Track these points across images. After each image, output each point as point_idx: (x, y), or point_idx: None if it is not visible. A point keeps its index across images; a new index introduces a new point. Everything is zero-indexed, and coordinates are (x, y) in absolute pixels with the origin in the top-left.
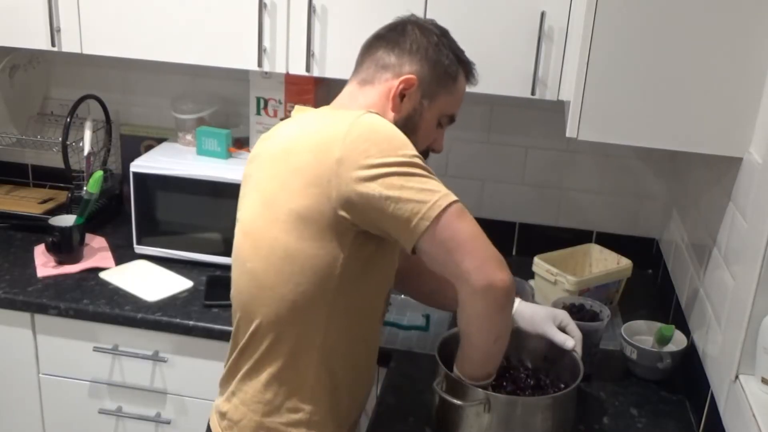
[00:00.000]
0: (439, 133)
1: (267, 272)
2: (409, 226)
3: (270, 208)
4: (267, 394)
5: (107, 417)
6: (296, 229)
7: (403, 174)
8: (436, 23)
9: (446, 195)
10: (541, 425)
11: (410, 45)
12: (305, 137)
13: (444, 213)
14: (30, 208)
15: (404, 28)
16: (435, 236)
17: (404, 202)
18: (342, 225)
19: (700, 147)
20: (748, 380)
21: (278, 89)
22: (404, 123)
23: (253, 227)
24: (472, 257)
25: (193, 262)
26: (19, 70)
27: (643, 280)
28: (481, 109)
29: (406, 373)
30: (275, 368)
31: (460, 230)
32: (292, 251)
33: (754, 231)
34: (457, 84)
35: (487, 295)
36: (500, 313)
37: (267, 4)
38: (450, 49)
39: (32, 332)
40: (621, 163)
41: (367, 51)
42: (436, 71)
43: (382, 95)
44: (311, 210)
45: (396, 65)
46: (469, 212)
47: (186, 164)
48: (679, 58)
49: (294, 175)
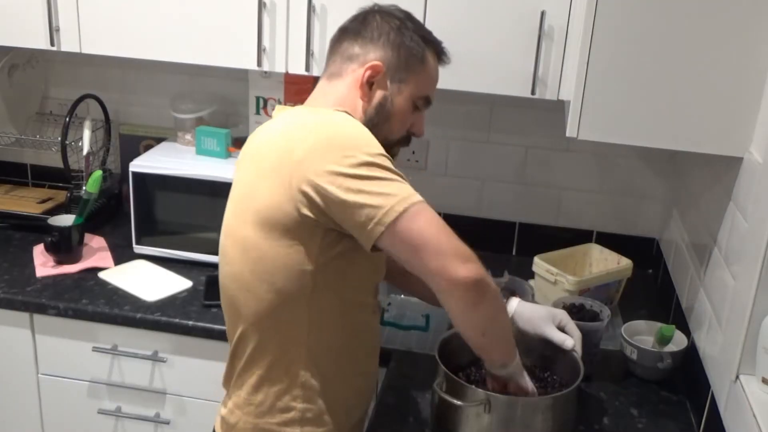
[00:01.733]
0: (418, 116)
1: (243, 273)
2: (365, 230)
3: (241, 210)
4: (258, 396)
5: (106, 417)
6: (263, 229)
7: (361, 177)
8: (399, 8)
9: (404, 198)
10: (542, 425)
11: (371, 32)
12: (272, 139)
13: (400, 217)
14: (29, 207)
15: (365, 17)
16: (393, 240)
17: (359, 207)
18: (308, 224)
19: (700, 147)
20: (748, 380)
21: (278, 89)
22: (376, 111)
23: (228, 229)
24: (434, 257)
25: (193, 261)
26: (18, 69)
27: (644, 280)
28: (481, 108)
29: (406, 373)
30: (263, 369)
31: (417, 232)
32: (263, 251)
33: (754, 231)
34: (425, 65)
35: (454, 292)
36: (475, 308)
37: (266, 3)
38: (414, 31)
39: (31, 332)
40: (621, 163)
41: (333, 46)
42: (401, 55)
43: (351, 86)
44: (276, 210)
45: (361, 54)
46: (430, 210)
47: (185, 164)
48: (680, 58)
49: (260, 177)
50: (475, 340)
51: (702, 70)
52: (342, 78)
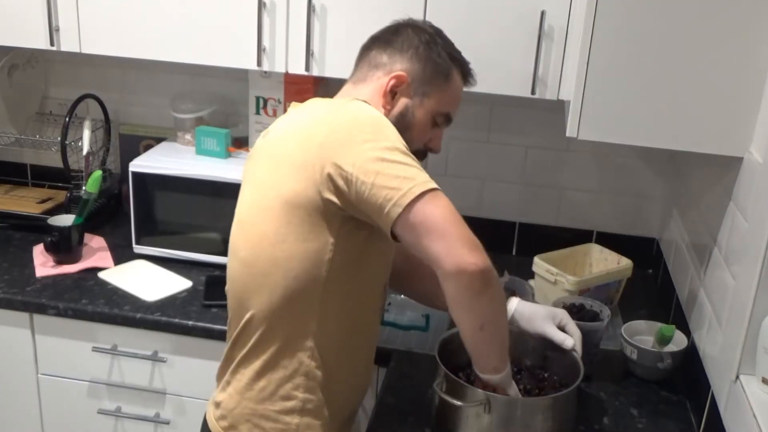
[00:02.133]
0: (436, 133)
1: (258, 259)
2: (383, 212)
3: (260, 197)
4: (260, 382)
5: (106, 417)
6: (285, 215)
7: (382, 160)
8: (431, 24)
9: (422, 183)
10: (542, 425)
11: (401, 44)
12: (294, 127)
13: (417, 200)
14: (29, 207)
15: (398, 29)
16: (408, 222)
17: (379, 188)
18: (329, 209)
19: (700, 147)
20: (748, 380)
21: (278, 89)
22: (397, 120)
23: (245, 217)
24: (443, 241)
25: (193, 261)
26: (17, 69)
27: (644, 280)
28: (481, 108)
29: (406, 373)
30: (269, 355)
31: (431, 215)
32: (281, 237)
33: (754, 231)
34: (450, 82)
35: (459, 279)
36: (477, 298)
37: (266, 3)
38: (443, 47)
39: (31, 332)
40: (621, 163)
41: (362, 53)
42: (427, 69)
43: (375, 93)
44: (299, 195)
45: (387, 63)
46: (446, 198)
47: (185, 164)
48: (680, 58)
49: (282, 163)
50: (472, 335)
51: (702, 70)
52: (366, 83)
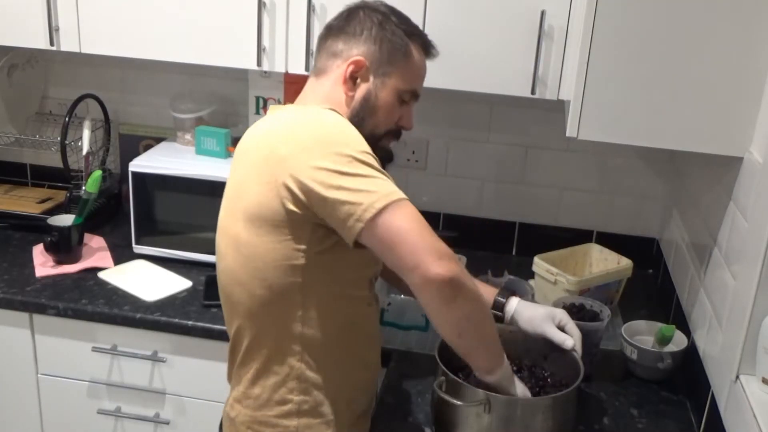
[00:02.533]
0: (405, 110)
1: (236, 269)
2: (345, 227)
3: (232, 208)
4: (255, 389)
5: (106, 417)
6: (253, 225)
7: (342, 173)
8: (384, 3)
9: (384, 195)
10: (542, 425)
11: (354, 28)
12: (261, 138)
13: (379, 214)
14: (28, 207)
15: (350, 14)
16: (371, 236)
17: (340, 203)
18: (295, 219)
19: (700, 146)
20: (748, 380)
21: (277, 88)
22: (361, 105)
23: (222, 225)
24: (407, 254)
25: (192, 261)
26: (17, 69)
27: (644, 280)
28: (481, 108)
29: (406, 373)
30: (259, 363)
31: (394, 229)
32: (253, 248)
33: (754, 231)
34: (409, 58)
35: (427, 290)
36: (447, 307)
37: (266, 3)
38: (397, 25)
39: (31, 332)
40: (621, 163)
41: (319, 42)
42: (383, 49)
43: (336, 82)
44: (262, 207)
45: (344, 50)
46: (410, 207)
47: (185, 164)
48: (680, 58)
49: (247, 174)
50: (453, 342)
51: (702, 69)
52: (327, 74)
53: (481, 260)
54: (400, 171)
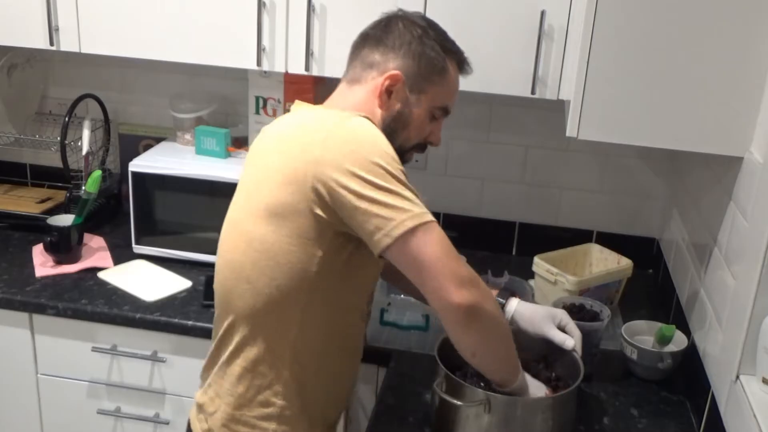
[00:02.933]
0: (435, 126)
1: (244, 265)
2: (373, 239)
3: (250, 202)
4: (239, 387)
5: (106, 417)
6: (273, 223)
7: (376, 186)
8: (423, 16)
9: (415, 216)
10: (541, 426)
11: (394, 41)
12: (290, 135)
13: (408, 234)
14: (28, 207)
15: (389, 24)
16: (397, 254)
17: (371, 215)
18: (319, 224)
19: (700, 146)
20: (748, 380)
21: (277, 88)
22: (394, 119)
23: (234, 219)
24: (430, 279)
25: (192, 261)
26: (17, 69)
27: (644, 279)
28: (481, 108)
29: (405, 373)
30: (248, 362)
31: (421, 252)
32: (268, 245)
33: (754, 231)
34: (446, 75)
35: (446, 315)
36: (464, 332)
37: (266, 3)
38: (435, 40)
39: (30, 332)
40: (621, 163)
41: (354, 50)
42: (421, 65)
43: (370, 93)
44: (287, 207)
45: (381, 62)
46: (438, 231)
47: (185, 164)
48: (680, 57)
49: (274, 172)
50: (468, 359)
51: (702, 69)
52: (361, 84)
53: (481, 260)
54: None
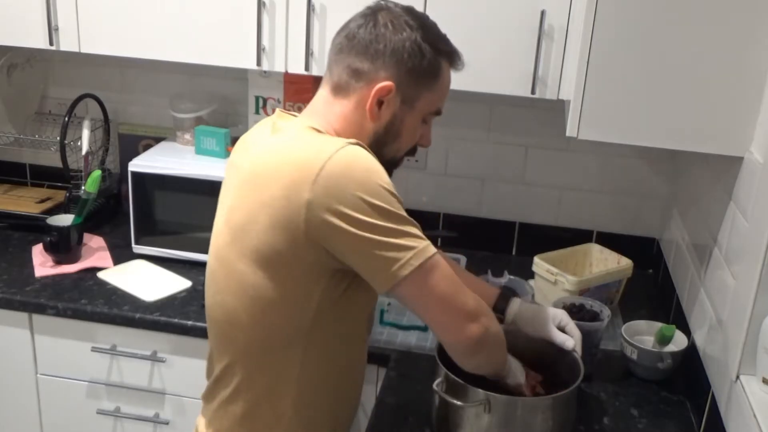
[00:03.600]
0: (425, 128)
1: (237, 310)
2: (377, 280)
3: (238, 241)
4: (243, 429)
5: (105, 417)
6: (267, 270)
7: (375, 227)
8: (411, 10)
9: (419, 253)
10: (542, 426)
11: (385, 47)
12: (277, 167)
13: (415, 272)
14: (28, 207)
15: (376, 25)
16: (404, 293)
17: (374, 258)
18: (316, 266)
19: (700, 146)
20: (749, 380)
21: (277, 88)
22: (385, 131)
23: (222, 255)
24: (442, 315)
25: (192, 261)
26: (16, 69)
27: (644, 279)
28: (481, 108)
29: (405, 373)
30: (250, 404)
31: (429, 288)
32: (262, 291)
33: (755, 231)
34: (439, 79)
35: (458, 345)
36: (472, 358)
37: (266, 2)
38: (428, 41)
39: (30, 332)
40: (621, 163)
41: (339, 52)
42: (414, 72)
43: (358, 105)
44: (281, 255)
45: (371, 71)
46: (443, 265)
47: (184, 163)
48: (680, 57)
49: (262, 211)
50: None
51: (702, 69)
52: (349, 94)
53: (481, 260)
54: (400, 171)
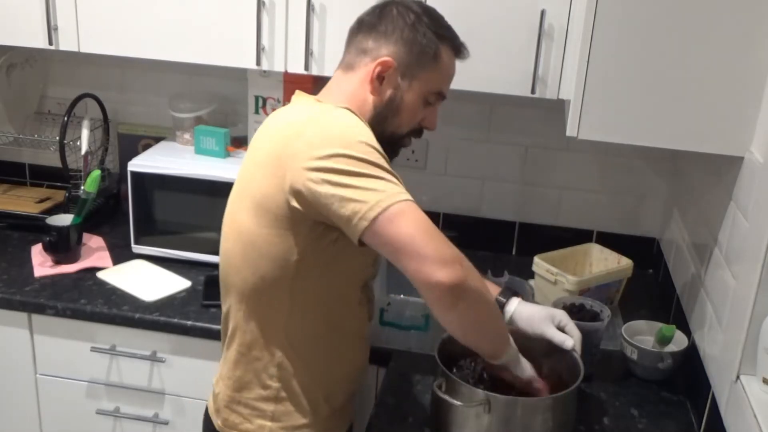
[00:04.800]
0: (430, 110)
1: (235, 255)
2: (350, 225)
3: (240, 195)
4: (237, 371)
5: (105, 417)
6: (257, 216)
7: (350, 173)
8: (419, 2)
9: (390, 195)
10: (542, 426)
11: (386, 27)
12: (277, 129)
13: (383, 213)
14: (27, 207)
15: (383, 10)
16: (375, 236)
17: (346, 201)
18: (296, 215)
19: (701, 146)
20: (749, 380)
21: (277, 88)
22: (386, 105)
23: (229, 210)
24: (411, 259)
25: (192, 261)
26: (16, 68)
27: (644, 279)
28: (481, 107)
29: (405, 373)
30: (243, 346)
31: (398, 232)
32: (253, 237)
33: (755, 230)
34: (438, 62)
35: (429, 294)
36: (450, 311)
37: (265, 2)
38: (429, 27)
39: (29, 332)
40: (621, 163)
41: (350, 36)
42: (413, 51)
43: (362, 80)
44: (268, 199)
45: (374, 49)
46: (416, 210)
47: (184, 163)
48: (680, 57)
49: (260, 165)
50: (459, 339)
51: (703, 69)
52: (355, 71)
53: (481, 260)
54: (400, 171)
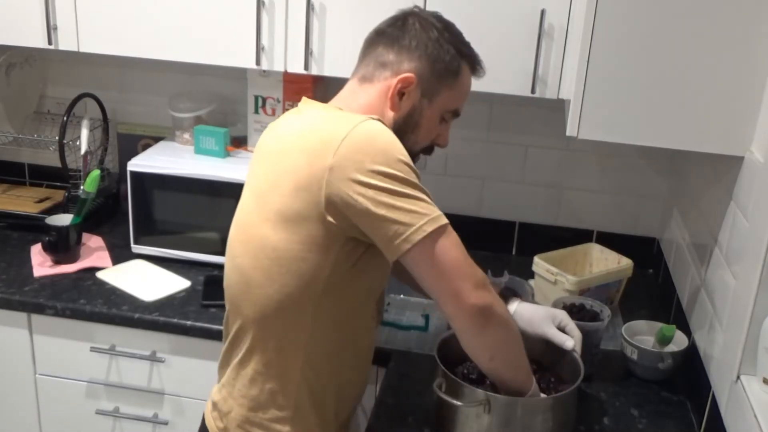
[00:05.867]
0: (444, 128)
1: (255, 270)
2: (392, 245)
3: (261, 206)
4: (253, 390)
5: (104, 418)
6: (284, 230)
7: (393, 193)
8: (439, 16)
9: (432, 219)
10: (542, 426)
11: (409, 41)
12: (302, 138)
13: (427, 237)
14: (26, 207)
15: (405, 23)
16: (416, 259)
17: (390, 222)
18: (331, 231)
19: (701, 146)
20: (749, 381)
21: (276, 87)
22: (404, 121)
23: (244, 222)
24: (451, 282)
25: (191, 261)
26: (15, 68)
27: (644, 279)
28: (481, 107)
29: (405, 373)
30: (260, 365)
31: (439, 256)
32: (280, 252)
33: (755, 230)
34: (459, 79)
35: (462, 317)
36: (480, 335)
37: (265, 2)
38: (451, 43)
39: (29, 332)
40: (621, 162)
41: (368, 47)
42: (436, 68)
43: (381, 94)
44: (299, 214)
45: (395, 63)
46: (454, 234)
47: (184, 163)
48: (680, 57)
49: (285, 176)
50: (484, 365)
51: (703, 68)
52: (373, 83)
53: (481, 260)
54: None
